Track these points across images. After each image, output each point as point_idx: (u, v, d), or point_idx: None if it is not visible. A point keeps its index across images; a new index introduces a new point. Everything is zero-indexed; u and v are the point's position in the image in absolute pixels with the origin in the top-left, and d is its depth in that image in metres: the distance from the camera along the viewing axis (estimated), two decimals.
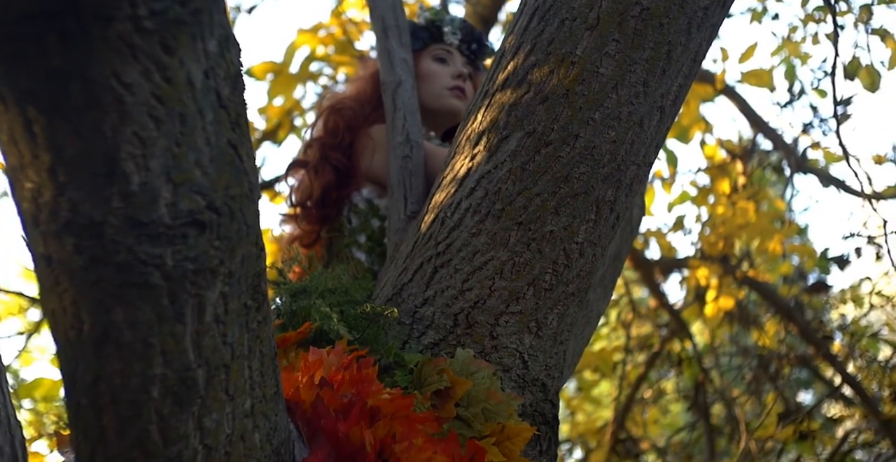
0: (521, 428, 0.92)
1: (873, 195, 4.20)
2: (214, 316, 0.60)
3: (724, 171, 3.96)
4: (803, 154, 4.22)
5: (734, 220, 3.64)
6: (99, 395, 0.58)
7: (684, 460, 4.96)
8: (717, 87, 3.56)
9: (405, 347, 1.00)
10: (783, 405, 4.73)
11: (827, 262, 4.57)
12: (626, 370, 4.73)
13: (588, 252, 0.95)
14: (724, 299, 4.04)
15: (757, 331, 4.65)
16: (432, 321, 0.99)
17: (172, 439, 0.60)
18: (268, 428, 0.67)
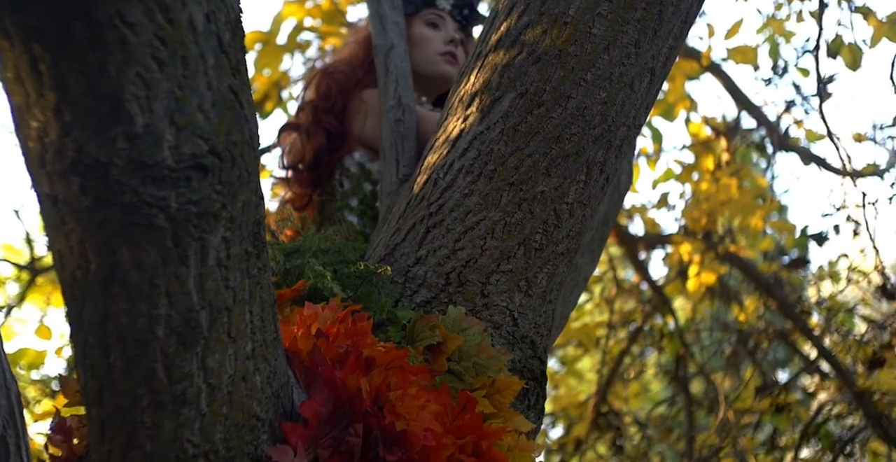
0: (511, 381, 0.94)
1: (853, 173, 4.28)
2: (217, 260, 0.61)
3: (708, 148, 4.00)
4: (786, 132, 4.27)
5: (717, 197, 3.69)
6: (106, 334, 0.59)
7: (664, 433, 5.08)
8: (702, 63, 3.58)
9: (397, 305, 1.02)
10: (761, 379, 4.85)
11: (806, 239, 4.66)
12: (608, 345, 4.82)
13: (578, 212, 0.97)
14: (706, 275, 4.11)
15: (737, 306, 4.75)
16: (424, 280, 1.01)
17: (177, 378, 0.61)
18: (268, 371, 0.69)
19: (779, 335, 4.97)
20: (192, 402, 0.63)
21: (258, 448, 0.68)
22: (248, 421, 0.67)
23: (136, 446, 0.62)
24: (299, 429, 0.71)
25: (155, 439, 0.62)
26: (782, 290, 4.69)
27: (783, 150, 4.35)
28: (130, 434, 0.62)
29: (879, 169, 4.26)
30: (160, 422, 0.62)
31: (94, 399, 0.62)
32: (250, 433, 0.67)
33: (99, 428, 0.63)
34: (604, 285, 5.13)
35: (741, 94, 4.07)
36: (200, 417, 0.63)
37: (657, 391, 6.42)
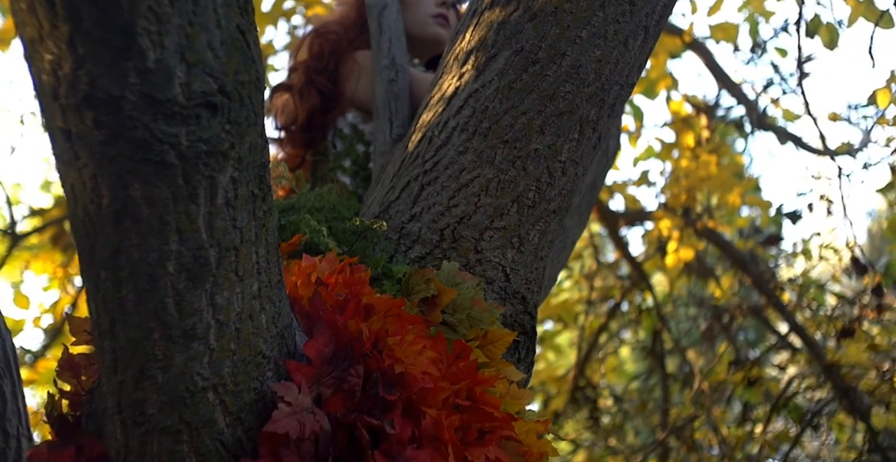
0: (503, 333, 0.97)
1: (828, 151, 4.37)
2: (225, 199, 0.63)
3: (689, 126, 4.05)
4: (763, 111, 4.34)
5: (697, 173, 3.75)
6: (118, 268, 0.61)
7: (639, 407, 5.21)
8: (685, 39, 3.61)
9: (392, 261, 1.04)
10: (734, 354, 4.98)
11: (780, 217, 4.78)
12: (587, 320, 4.91)
13: (570, 171, 1.00)
14: (684, 250, 4.19)
15: (713, 283, 4.85)
16: (419, 236, 1.03)
17: (187, 313, 0.63)
18: (273, 311, 0.71)
19: (752, 311, 5.10)
20: (201, 337, 0.64)
21: (264, 384, 0.70)
22: (255, 358, 0.69)
23: (148, 377, 0.64)
24: (303, 367, 0.73)
25: (166, 371, 0.64)
26: (757, 266, 4.80)
27: (761, 129, 4.42)
28: (142, 366, 0.63)
29: (853, 148, 4.36)
30: (171, 355, 0.64)
31: (106, 332, 0.64)
32: (256, 369, 0.69)
33: (111, 360, 0.64)
34: (583, 262, 5.20)
35: (722, 72, 4.12)
36: (209, 352, 0.65)
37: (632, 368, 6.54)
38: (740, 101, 4.29)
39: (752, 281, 4.60)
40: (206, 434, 0.67)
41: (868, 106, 4.43)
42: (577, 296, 5.15)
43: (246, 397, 0.69)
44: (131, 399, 0.65)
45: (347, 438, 0.73)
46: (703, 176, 3.78)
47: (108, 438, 0.68)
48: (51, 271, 3.15)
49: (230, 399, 0.68)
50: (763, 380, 4.71)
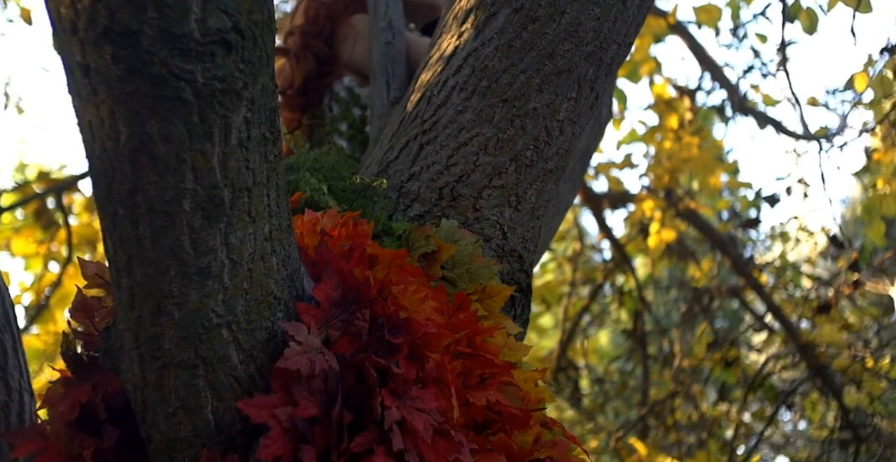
0: (501, 288, 1.00)
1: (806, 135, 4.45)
2: (238, 140, 0.64)
3: (672, 108, 4.10)
4: (744, 96, 4.40)
5: (680, 154, 3.81)
6: (135, 205, 0.62)
7: (619, 387, 5.30)
8: (669, 21, 3.64)
9: (391, 220, 1.06)
10: (713, 335, 5.09)
11: (759, 201, 4.87)
12: (570, 302, 4.97)
13: (568, 130, 1.02)
14: (666, 232, 4.26)
15: (693, 265, 4.94)
16: (418, 195, 1.04)
17: (202, 251, 0.64)
18: (283, 254, 0.72)
19: (731, 292, 5.20)
20: (216, 275, 0.66)
21: (275, 324, 0.72)
22: (266, 298, 0.70)
23: (165, 313, 0.65)
24: (312, 309, 0.75)
25: (182, 307, 0.65)
26: (736, 248, 4.90)
27: (742, 114, 4.49)
28: (159, 302, 0.65)
29: (830, 133, 4.44)
30: (187, 291, 0.65)
31: (123, 268, 0.65)
32: (268, 309, 0.71)
33: (128, 296, 0.66)
34: (567, 244, 5.26)
35: (705, 55, 4.16)
36: (223, 290, 0.67)
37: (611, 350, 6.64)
38: (722, 85, 4.35)
39: (731, 263, 4.70)
40: (220, 369, 0.68)
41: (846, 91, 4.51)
42: (560, 278, 5.21)
43: (258, 336, 0.71)
44: (148, 334, 0.66)
45: (355, 378, 0.75)
46: (686, 157, 3.84)
47: (125, 373, 0.70)
48: (32, 249, 3.12)
49: (243, 337, 0.69)
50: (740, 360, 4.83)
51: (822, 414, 5.01)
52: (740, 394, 4.86)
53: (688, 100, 4.10)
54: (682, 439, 4.84)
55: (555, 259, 5.26)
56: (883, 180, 4.08)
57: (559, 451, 0.83)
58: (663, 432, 4.65)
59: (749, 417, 5.07)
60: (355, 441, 0.71)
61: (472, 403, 0.82)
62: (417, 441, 0.73)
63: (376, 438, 0.71)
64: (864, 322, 4.85)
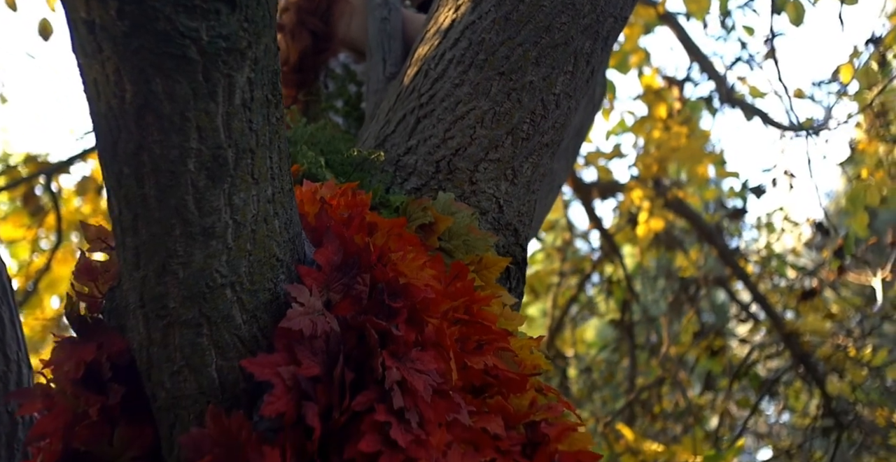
0: (497, 259, 1.01)
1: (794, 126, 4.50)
2: (242, 100, 0.65)
3: (661, 98, 4.13)
4: (731, 87, 4.44)
5: (669, 143, 3.84)
6: (141, 164, 0.62)
7: (607, 377, 5.36)
8: (659, 10, 3.66)
9: (389, 193, 1.07)
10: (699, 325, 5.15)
11: (745, 192, 4.93)
12: (558, 291, 5.01)
13: (564, 104, 1.03)
14: (654, 221, 4.30)
15: (681, 255, 4.99)
16: (415, 168, 1.06)
17: (207, 211, 0.65)
18: (285, 218, 0.73)
19: (717, 282, 5.26)
20: (220, 236, 0.67)
21: (277, 285, 0.73)
22: (269, 260, 0.71)
23: (170, 273, 0.66)
24: (313, 272, 0.76)
25: (187, 267, 0.66)
26: (722, 237, 4.96)
27: (729, 105, 4.54)
28: (164, 261, 0.66)
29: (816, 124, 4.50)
30: (191, 251, 0.66)
31: (128, 228, 0.65)
32: (271, 271, 0.72)
33: (133, 256, 0.66)
34: (556, 234, 5.29)
35: (693, 45, 4.19)
36: (227, 250, 0.68)
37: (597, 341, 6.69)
38: (710, 76, 4.39)
39: (717, 252, 4.75)
40: (224, 329, 0.69)
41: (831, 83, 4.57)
42: (549, 268, 5.25)
43: (261, 297, 0.72)
44: (153, 293, 0.67)
45: (356, 340, 0.76)
46: (675, 147, 3.87)
47: (130, 333, 0.71)
48: (20, 234, 3.09)
49: (247, 297, 0.70)
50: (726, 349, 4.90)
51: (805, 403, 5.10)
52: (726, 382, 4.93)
53: (676, 90, 4.13)
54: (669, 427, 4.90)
55: (544, 249, 5.29)
56: (867, 170, 4.14)
57: (554, 414, 0.85)
58: (650, 421, 4.71)
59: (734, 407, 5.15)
60: (357, 399, 0.72)
61: (469, 367, 0.83)
62: (417, 400, 0.74)
63: (377, 397, 0.73)
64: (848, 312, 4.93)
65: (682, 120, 3.99)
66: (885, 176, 4.08)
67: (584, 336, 6.26)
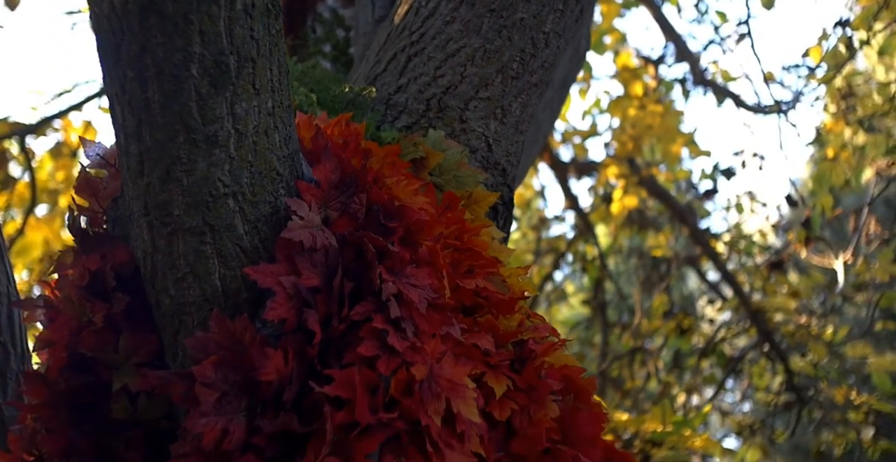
0: (487, 194, 1.04)
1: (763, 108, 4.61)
2: (244, 5, 0.66)
3: (637, 76, 4.19)
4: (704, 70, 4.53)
5: (644, 121, 3.90)
6: (144, 67, 0.63)
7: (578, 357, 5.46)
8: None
9: (380, 131, 1.08)
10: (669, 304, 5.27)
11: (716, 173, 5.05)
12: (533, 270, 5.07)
13: (553, 43, 1.06)
14: (628, 198, 4.38)
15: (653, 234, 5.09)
16: (405, 107, 1.07)
17: (209, 119, 0.66)
18: (285, 133, 0.75)
19: (688, 261, 5.38)
20: (222, 145, 0.68)
21: (278, 199, 0.74)
22: (270, 173, 0.73)
23: (174, 180, 0.67)
24: (313, 189, 0.78)
25: (190, 174, 0.67)
26: (694, 217, 5.07)
27: (702, 86, 4.62)
28: (168, 168, 0.67)
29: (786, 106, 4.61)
30: (195, 159, 0.67)
31: (132, 134, 0.66)
32: (271, 184, 0.73)
33: (137, 163, 0.67)
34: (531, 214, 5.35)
35: (669, 26, 4.26)
36: (230, 160, 0.69)
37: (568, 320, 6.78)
38: (685, 57, 4.46)
39: (689, 231, 4.86)
40: (227, 238, 0.71)
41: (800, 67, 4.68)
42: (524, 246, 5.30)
43: (262, 209, 0.73)
44: (158, 200, 0.68)
45: (353, 255, 0.78)
46: (650, 124, 3.94)
47: (134, 241, 0.72)
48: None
49: (248, 208, 0.72)
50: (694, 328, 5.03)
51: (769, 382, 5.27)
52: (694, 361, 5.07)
53: (652, 68, 4.19)
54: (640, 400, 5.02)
55: (518, 228, 5.35)
56: (833, 150, 4.26)
57: (541, 334, 0.88)
58: (620, 397, 4.82)
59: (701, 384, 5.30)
60: (355, 310, 0.74)
61: (461, 288, 0.86)
62: (412, 312, 0.77)
63: (374, 308, 0.75)
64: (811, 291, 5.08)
65: (658, 98, 4.06)
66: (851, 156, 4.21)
67: (558, 315, 6.35)
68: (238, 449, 0.67)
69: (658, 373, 4.81)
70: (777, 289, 4.80)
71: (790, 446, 6.93)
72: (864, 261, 4.26)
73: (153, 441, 0.73)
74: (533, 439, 0.77)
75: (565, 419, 0.81)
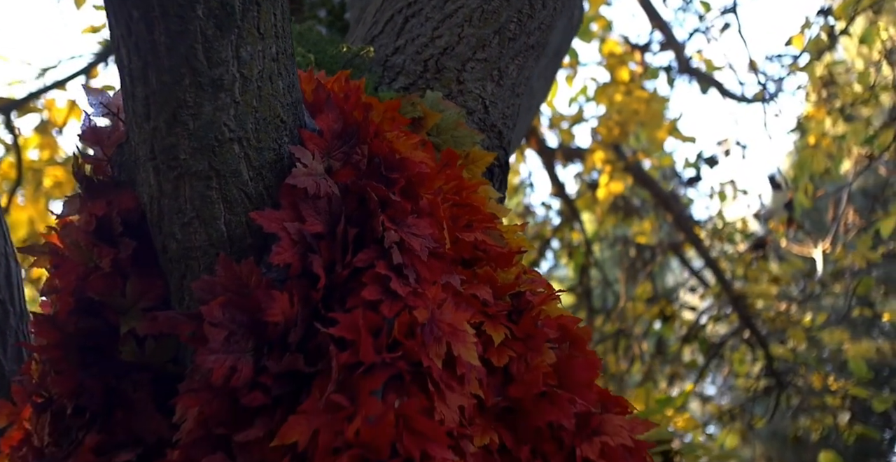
0: (484, 153, 1.06)
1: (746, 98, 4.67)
2: None
3: (623, 62, 4.22)
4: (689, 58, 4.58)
5: (630, 106, 3.94)
6: (150, 7, 0.64)
7: None
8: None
9: (377, 91, 1.09)
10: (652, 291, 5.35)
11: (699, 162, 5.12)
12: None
13: (550, 3, 1.07)
14: (614, 184, 4.42)
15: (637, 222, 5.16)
16: (403, 68, 1.08)
17: (215, 61, 0.67)
18: (288, 80, 0.76)
19: (671, 247, 5.46)
20: (227, 89, 0.69)
21: (282, 146, 0.75)
22: (274, 119, 0.74)
23: (180, 123, 0.68)
24: (316, 137, 0.79)
25: (197, 118, 0.68)
26: (678, 204, 5.14)
27: (687, 74, 4.67)
28: (175, 111, 0.67)
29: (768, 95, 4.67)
30: (201, 102, 0.68)
31: (138, 77, 0.67)
32: (275, 131, 0.74)
33: (144, 106, 0.68)
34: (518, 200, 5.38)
35: (655, 12, 4.29)
36: (235, 105, 0.70)
37: None
38: (670, 44, 4.50)
39: (673, 218, 4.93)
40: (232, 183, 0.72)
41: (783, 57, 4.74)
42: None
43: (267, 156, 0.74)
44: (164, 144, 0.69)
45: (356, 204, 0.79)
46: (636, 109, 3.97)
47: (141, 186, 0.72)
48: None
49: (253, 154, 0.73)
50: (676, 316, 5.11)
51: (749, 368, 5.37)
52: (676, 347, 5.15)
53: (638, 54, 4.23)
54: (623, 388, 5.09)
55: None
56: (814, 137, 4.34)
57: (537, 287, 0.90)
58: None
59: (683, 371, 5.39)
60: (358, 256, 0.76)
61: (460, 241, 0.88)
62: (414, 260, 0.78)
63: (377, 255, 0.77)
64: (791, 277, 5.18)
65: (643, 83, 4.10)
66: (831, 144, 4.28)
67: None
68: (245, 386, 0.68)
69: (642, 356, 4.88)
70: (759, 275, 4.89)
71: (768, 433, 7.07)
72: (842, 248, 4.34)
73: (160, 384, 0.74)
74: (530, 384, 0.79)
75: (561, 365, 0.83)
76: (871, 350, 5.87)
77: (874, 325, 6.84)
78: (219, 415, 0.67)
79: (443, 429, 0.69)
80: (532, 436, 0.77)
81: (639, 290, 5.18)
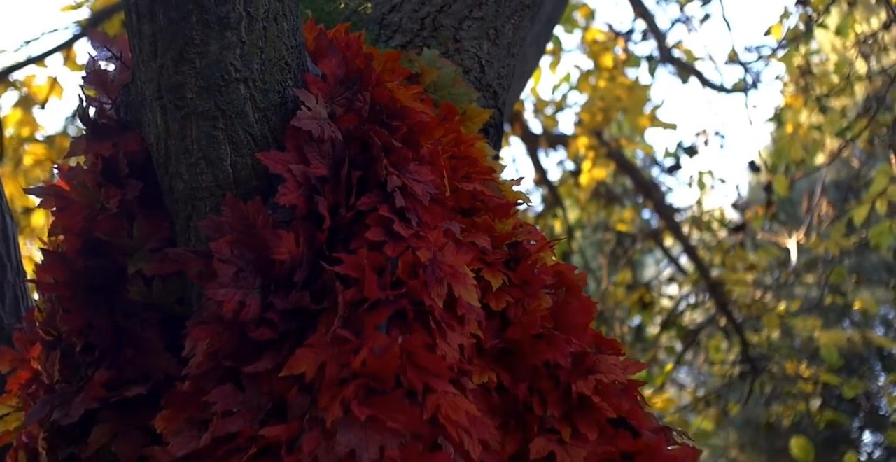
0: (480, 110, 1.07)
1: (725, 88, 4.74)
2: None
3: (607, 49, 4.26)
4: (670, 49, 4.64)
5: (613, 92, 3.98)
6: None
7: None
8: None
9: None
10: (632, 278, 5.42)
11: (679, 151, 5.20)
12: None
13: None
14: (597, 170, 4.47)
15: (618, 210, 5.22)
16: (399, 26, 1.09)
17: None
18: (293, 23, 0.76)
19: (651, 235, 5.54)
20: (234, 27, 0.70)
21: (286, 89, 0.76)
22: (279, 61, 0.75)
23: (187, 61, 0.68)
24: (319, 82, 0.80)
25: (203, 57, 0.69)
26: (659, 191, 5.22)
27: (669, 63, 4.73)
28: (182, 49, 0.68)
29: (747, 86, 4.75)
30: (207, 41, 0.68)
31: (145, 13, 0.67)
32: (280, 73, 0.75)
33: (151, 44, 0.68)
34: None
35: (637, 0, 4.33)
36: (241, 44, 0.71)
37: None
38: (652, 32, 4.55)
39: (653, 205, 5.00)
40: (238, 124, 0.73)
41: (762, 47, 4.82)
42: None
43: (272, 98, 0.75)
44: (171, 83, 0.70)
45: (359, 149, 0.81)
46: (618, 95, 4.01)
47: (147, 126, 0.73)
48: None
49: (259, 95, 0.74)
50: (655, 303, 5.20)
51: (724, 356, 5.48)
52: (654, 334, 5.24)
53: (622, 41, 4.27)
54: None
55: None
56: (791, 125, 4.42)
57: (535, 237, 0.93)
58: None
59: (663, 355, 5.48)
60: (361, 200, 0.77)
61: (459, 190, 0.90)
62: (416, 204, 0.80)
63: (380, 199, 0.78)
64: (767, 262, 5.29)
65: (626, 71, 4.14)
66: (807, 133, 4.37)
67: None
68: (253, 321, 0.69)
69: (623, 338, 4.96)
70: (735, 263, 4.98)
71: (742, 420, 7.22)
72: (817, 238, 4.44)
73: (167, 324, 0.75)
74: (527, 326, 0.82)
75: (557, 309, 0.85)
76: (843, 338, 6.02)
77: (846, 314, 7.01)
78: (228, 347, 0.68)
79: (445, 363, 0.71)
80: (529, 374, 0.79)
81: (619, 277, 5.26)
